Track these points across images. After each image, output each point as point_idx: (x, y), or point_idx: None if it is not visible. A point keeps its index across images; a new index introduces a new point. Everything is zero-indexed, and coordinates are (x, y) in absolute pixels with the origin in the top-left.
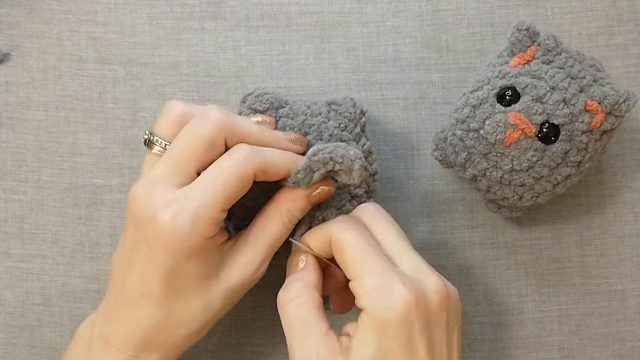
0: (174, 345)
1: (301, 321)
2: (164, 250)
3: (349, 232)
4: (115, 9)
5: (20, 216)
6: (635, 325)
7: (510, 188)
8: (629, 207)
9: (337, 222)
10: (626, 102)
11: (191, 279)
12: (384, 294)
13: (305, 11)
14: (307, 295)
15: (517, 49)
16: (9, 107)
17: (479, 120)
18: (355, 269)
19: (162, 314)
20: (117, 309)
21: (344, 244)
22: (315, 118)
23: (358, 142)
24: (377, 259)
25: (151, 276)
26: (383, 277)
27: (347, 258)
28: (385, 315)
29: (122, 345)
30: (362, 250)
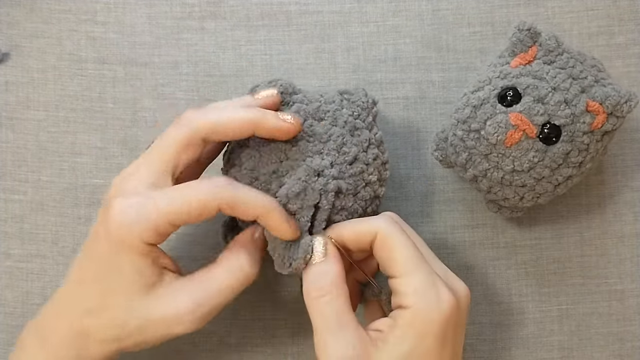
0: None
1: (335, 317)
2: (106, 238)
3: (399, 232)
4: (115, 8)
5: (20, 216)
6: (635, 325)
7: (511, 189)
8: (629, 207)
9: (385, 219)
10: (627, 103)
11: (121, 279)
12: (432, 295)
13: (305, 11)
14: (338, 289)
15: (519, 49)
16: (9, 107)
17: (480, 120)
18: (404, 267)
19: (94, 300)
20: (58, 299)
21: (395, 242)
22: (329, 105)
23: (370, 130)
24: (423, 260)
25: (91, 263)
26: (431, 277)
27: (395, 256)
28: (431, 315)
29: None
30: (412, 250)
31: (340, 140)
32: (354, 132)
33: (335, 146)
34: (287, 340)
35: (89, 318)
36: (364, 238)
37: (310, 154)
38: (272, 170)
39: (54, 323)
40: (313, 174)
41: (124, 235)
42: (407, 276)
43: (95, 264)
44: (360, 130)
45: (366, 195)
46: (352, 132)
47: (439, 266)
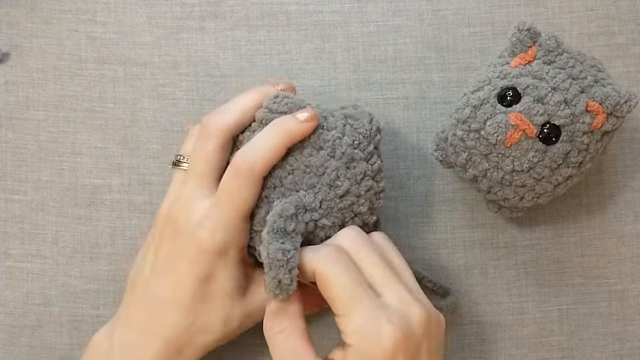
0: (191, 353)
1: (291, 352)
2: (204, 257)
3: (334, 267)
4: (115, 8)
5: (20, 216)
6: (635, 326)
7: (511, 189)
8: (629, 207)
9: (321, 255)
10: (627, 103)
11: (220, 290)
12: (372, 333)
13: (305, 10)
14: (294, 325)
15: (518, 49)
16: (9, 107)
17: (479, 120)
18: (343, 307)
19: (187, 321)
20: (139, 316)
21: (329, 281)
22: (330, 133)
23: (368, 161)
24: (363, 295)
25: (184, 285)
26: (370, 315)
27: (334, 295)
28: (373, 353)
29: (143, 351)
30: (348, 286)
31: (334, 174)
32: (350, 164)
33: (328, 180)
34: None
35: (187, 333)
36: (307, 274)
37: (304, 187)
38: (265, 194)
39: (144, 344)
40: (302, 208)
41: (223, 249)
42: (346, 315)
43: (188, 286)
44: (357, 162)
45: (355, 224)
46: (348, 164)
47: (393, 295)
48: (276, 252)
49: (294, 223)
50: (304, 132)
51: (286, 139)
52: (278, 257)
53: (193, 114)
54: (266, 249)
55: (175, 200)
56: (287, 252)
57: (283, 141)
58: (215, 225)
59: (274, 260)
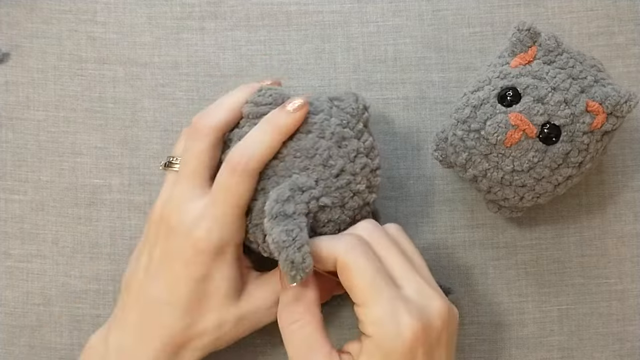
0: (187, 355)
1: (306, 343)
2: (200, 258)
3: (357, 257)
4: (115, 8)
5: (20, 216)
6: (635, 326)
7: (511, 189)
8: (629, 207)
9: (344, 243)
10: (627, 103)
11: (215, 290)
12: (392, 324)
13: (305, 11)
14: (310, 316)
15: (518, 49)
16: (9, 107)
17: (479, 120)
18: (363, 296)
19: (183, 322)
20: (135, 319)
21: (352, 269)
22: (317, 116)
23: (359, 138)
24: (384, 286)
25: (179, 286)
26: (390, 305)
27: (355, 284)
28: (392, 344)
29: (140, 354)
30: (370, 276)
31: (326, 154)
32: (341, 142)
33: (321, 161)
34: None
35: (183, 334)
36: (327, 263)
37: (297, 171)
38: (261, 187)
39: (140, 346)
40: (298, 190)
41: (219, 248)
42: (366, 305)
43: (183, 287)
44: (348, 140)
45: (354, 204)
46: (339, 143)
47: (413, 287)
48: (280, 235)
49: (292, 205)
50: (296, 121)
51: (280, 132)
52: (283, 239)
53: (193, 114)
54: (270, 235)
55: (168, 201)
56: (290, 232)
57: (277, 135)
58: (210, 225)
59: (279, 243)
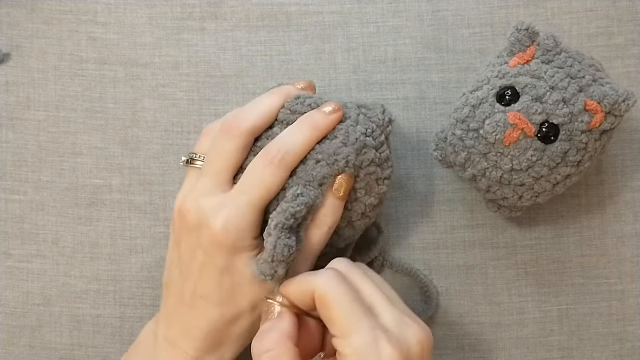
0: (230, 343)
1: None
2: (219, 251)
3: (335, 287)
4: (116, 9)
5: (20, 216)
6: (635, 325)
7: (510, 188)
8: (629, 207)
9: (320, 276)
10: (625, 102)
11: (241, 278)
12: (374, 355)
13: (306, 11)
14: (283, 347)
15: (517, 48)
16: (9, 107)
17: (478, 120)
18: (342, 327)
19: (218, 311)
20: (178, 314)
21: (330, 299)
22: (344, 122)
23: (377, 149)
24: (363, 316)
25: (208, 278)
26: (371, 335)
27: (333, 315)
28: None
29: (185, 346)
30: (349, 305)
31: (343, 162)
32: (360, 150)
33: (337, 168)
34: None
35: (224, 322)
36: (306, 296)
37: (313, 180)
38: None
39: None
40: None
41: (236, 241)
42: (345, 336)
43: (213, 278)
44: (367, 148)
45: (357, 208)
46: (359, 150)
47: (390, 316)
48: (283, 248)
49: (300, 219)
50: (331, 122)
51: (316, 131)
52: (284, 253)
53: (193, 114)
54: (274, 242)
55: (188, 196)
56: (291, 249)
57: (313, 133)
58: (229, 214)
59: (279, 255)
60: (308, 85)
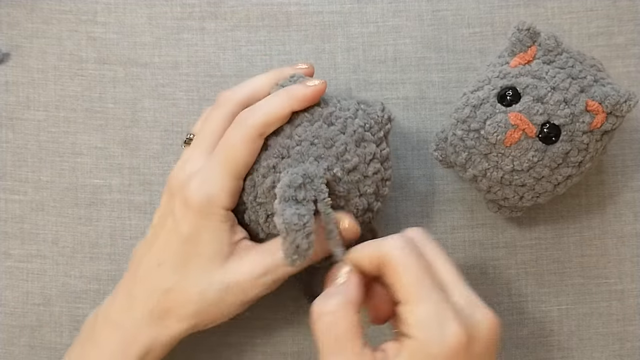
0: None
1: (334, 337)
2: (186, 215)
3: (405, 254)
4: (115, 9)
5: (20, 216)
6: (635, 325)
7: (511, 188)
8: (629, 207)
9: (390, 242)
10: (627, 103)
11: (202, 252)
12: (436, 328)
13: (306, 11)
14: (344, 311)
15: (518, 49)
16: (9, 107)
17: (479, 120)
18: (409, 295)
19: (169, 283)
20: (125, 287)
21: (399, 266)
22: (343, 112)
23: (378, 145)
24: (432, 287)
25: (170, 245)
26: (437, 308)
27: (401, 281)
28: (434, 350)
29: (124, 319)
30: (418, 275)
31: (342, 148)
32: (360, 142)
33: (336, 153)
34: (287, 340)
35: (168, 297)
36: (374, 261)
37: (311, 158)
38: (272, 164)
39: (127, 311)
40: (309, 178)
41: (205, 206)
42: (411, 304)
43: (173, 245)
44: (367, 142)
45: (359, 204)
46: (357, 142)
47: (461, 294)
48: (292, 217)
49: (303, 192)
50: (311, 94)
51: (292, 99)
52: (294, 221)
53: (193, 114)
54: (281, 215)
55: (177, 166)
56: (302, 217)
57: (289, 101)
58: (201, 180)
59: (290, 225)
60: (308, 68)
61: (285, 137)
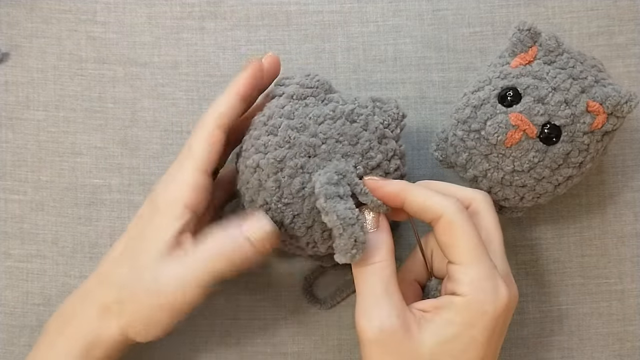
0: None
1: (383, 283)
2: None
3: (465, 219)
4: (115, 8)
5: (20, 216)
6: (635, 325)
7: (512, 189)
8: (629, 207)
9: (451, 203)
10: (628, 103)
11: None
12: (489, 289)
13: (305, 10)
14: (391, 260)
15: (519, 49)
16: (9, 107)
17: (480, 121)
18: (466, 256)
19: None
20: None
21: (458, 228)
22: (363, 109)
23: (397, 142)
24: (485, 252)
25: (122, 241)
26: (491, 272)
27: (459, 243)
28: (484, 308)
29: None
30: (475, 240)
31: (367, 145)
32: (382, 139)
33: (362, 150)
34: (287, 340)
35: (111, 293)
36: (427, 214)
37: (338, 156)
38: (300, 164)
39: (78, 307)
40: (341, 174)
41: (164, 202)
42: (467, 265)
43: (124, 242)
44: (388, 139)
45: None
46: (380, 139)
47: (501, 265)
48: (346, 212)
49: (342, 188)
50: (248, 75)
51: (233, 87)
52: (349, 216)
53: (193, 114)
54: (334, 213)
55: None
56: (354, 211)
57: (232, 89)
58: (166, 177)
59: (346, 220)
60: (271, 60)
61: (309, 135)
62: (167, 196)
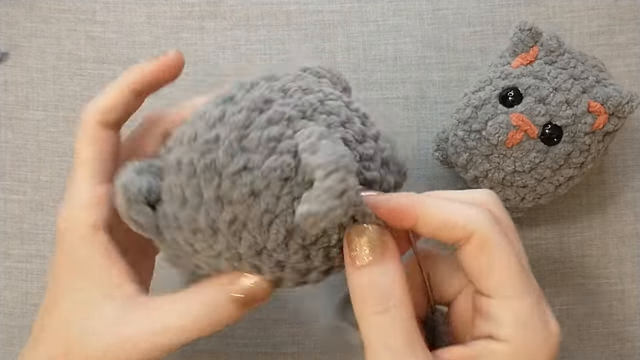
0: None
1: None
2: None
3: (502, 235)
4: (114, 8)
5: (19, 216)
6: (635, 326)
7: (512, 189)
8: (630, 207)
9: (484, 218)
10: (629, 104)
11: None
12: (540, 328)
13: (305, 10)
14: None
15: (520, 49)
16: (8, 106)
17: (481, 121)
18: (509, 287)
19: None
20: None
21: (498, 250)
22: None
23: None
24: (532, 279)
25: None
26: (538, 303)
27: (498, 268)
28: (536, 355)
29: None
30: (520, 265)
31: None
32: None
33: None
34: (287, 340)
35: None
36: (454, 232)
37: None
38: None
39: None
40: None
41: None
42: (509, 299)
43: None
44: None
45: None
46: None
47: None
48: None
49: None
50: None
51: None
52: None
53: None
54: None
55: None
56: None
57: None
58: (65, 198)
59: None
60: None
61: None
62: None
